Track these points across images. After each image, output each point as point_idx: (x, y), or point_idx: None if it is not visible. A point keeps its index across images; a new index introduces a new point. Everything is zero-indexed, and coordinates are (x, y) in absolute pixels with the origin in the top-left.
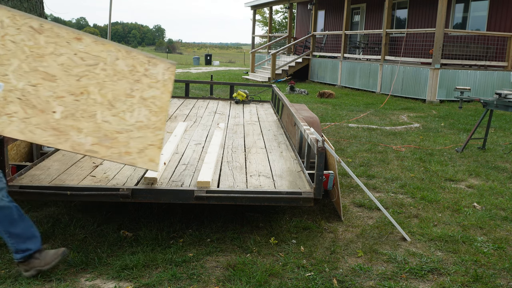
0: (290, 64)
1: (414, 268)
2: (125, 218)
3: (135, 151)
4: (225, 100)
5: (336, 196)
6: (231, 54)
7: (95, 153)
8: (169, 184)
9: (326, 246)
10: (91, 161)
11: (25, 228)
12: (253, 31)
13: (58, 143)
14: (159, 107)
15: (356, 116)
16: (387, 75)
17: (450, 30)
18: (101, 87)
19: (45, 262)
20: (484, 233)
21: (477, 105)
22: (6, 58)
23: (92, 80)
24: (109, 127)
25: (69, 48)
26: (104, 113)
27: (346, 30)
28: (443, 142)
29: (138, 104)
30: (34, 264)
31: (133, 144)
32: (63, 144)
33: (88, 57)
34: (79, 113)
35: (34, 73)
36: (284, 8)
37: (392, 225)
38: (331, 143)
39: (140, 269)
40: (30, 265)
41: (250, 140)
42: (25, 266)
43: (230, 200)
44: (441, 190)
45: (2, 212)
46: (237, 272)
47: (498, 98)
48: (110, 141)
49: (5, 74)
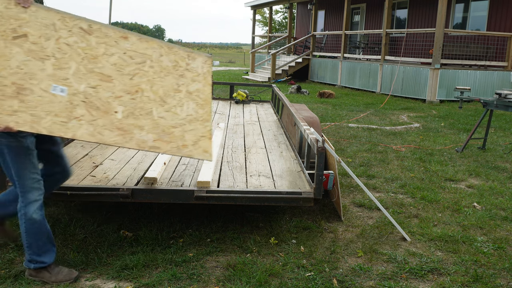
0: (290, 64)
1: (414, 268)
2: (125, 218)
3: (190, 144)
4: (225, 100)
5: (336, 196)
6: (231, 54)
7: (157, 148)
8: (169, 184)
9: (326, 246)
10: (91, 161)
11: (46, 242)
12: (253, 31)
13: (124, 142)
14: (204, 100)
15: (356, 116)
16: (387, 75)
17: (450, 30)
18: (151, 84)
19: (55, 279)
20: (484, 233)
21: (477, 105)
22: (64, 61)
23: (143, 78)
24: (165, 122)
25: (118, 47)
26: (159, 110)
27: (346, 30)
28: (443, 142)
29: (185, 98)
30: (44, 276)
31: (187, 137)
32: (129, 142)
33: (136, 55)
34: (137, 111)
35: (92, 75)
36: (284, 8)
37: (392, 225)
38: (331, 143)
39: (140, 269)
40: (39, 275)
41: (250, 140)
42: (34, 273)
43: (230, 200)
44: (441, 190)
45: (33, 226)
46: (237, 272)
47: (498, 98)
48: (168, 136)
49: (66, 78)
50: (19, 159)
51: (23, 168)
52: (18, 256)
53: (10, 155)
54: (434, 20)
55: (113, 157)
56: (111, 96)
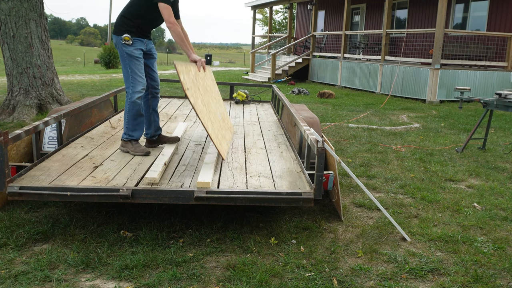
0: (290, 64)
1: (414, 268)
2: (125, 218)
3: None
4: (225, 100)
5: (336, 196)
6: (231, 54)
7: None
8: (169, 184)
9: (326, 246)
10: (91, 162)
11: (140, 123)
12: (253, 31)
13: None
14: None
15: (356, 116)
16: (387, 75)
17: (450, 30)
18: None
19: (134, 150)
20: (484, 233)
21: (477, 105)
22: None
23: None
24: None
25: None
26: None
27: (346, 30)
28: (443, 142)
29: None
30: (128, 146)
31: None
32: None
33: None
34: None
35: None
36: (284, 8)
37: (392, 225)
38: (331, 143)
39: (140, 269)
40: (126, 146)
41: (250, 140)
42: (123, 143)
43: (230, 201)
44: (441, 190)
45: (134, 108)
46: (237, 272)
47: (498, 98)
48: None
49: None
50: (132, 62)
51: (135, 68)
52: (18, 256)
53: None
54: (434, 20)
55: (113, 157)
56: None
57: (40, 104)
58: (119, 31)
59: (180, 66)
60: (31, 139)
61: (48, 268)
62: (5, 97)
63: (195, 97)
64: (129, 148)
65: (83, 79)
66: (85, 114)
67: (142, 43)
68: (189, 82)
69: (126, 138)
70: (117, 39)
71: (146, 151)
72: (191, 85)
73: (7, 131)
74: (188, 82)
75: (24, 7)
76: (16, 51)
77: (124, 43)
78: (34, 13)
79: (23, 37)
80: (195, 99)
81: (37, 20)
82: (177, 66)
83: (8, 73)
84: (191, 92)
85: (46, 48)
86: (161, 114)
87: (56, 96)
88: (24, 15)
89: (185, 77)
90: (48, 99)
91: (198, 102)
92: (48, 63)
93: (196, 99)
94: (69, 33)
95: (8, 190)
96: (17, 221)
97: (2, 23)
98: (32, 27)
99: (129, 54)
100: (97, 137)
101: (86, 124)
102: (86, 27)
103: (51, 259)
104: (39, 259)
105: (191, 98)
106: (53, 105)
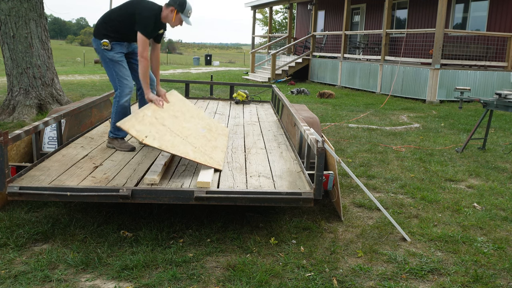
0: (290, 64)
1: (414, 269)
2: (125, 218)
3: None
4: (225, 101)
5: (336, 196)
6: (231, 54)
7: None
8: (169, 184)
9: (326, 246)
10: (91, 162)
11: None
12: (253, 31)
13: None
14: None
15: (356, 116)
16: (387, 75)
17: (450, 31)
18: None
19: (120, 146)
20: (484, 233)
21: (477, 105)
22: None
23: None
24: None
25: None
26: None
27: (346, 30)
28: (443, 142)
29: None
30: (114, 143)
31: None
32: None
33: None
34: None
35: None
36: (284, 8)
37: (392, 225)
38: (331, 143)
39: (140, 269)
40: (112, 142)
41: (250, 140)
42: (110, 140)
43: (230, 201)
44: (441, 190)
45: (120, 110)
46: (237, 272)
47: (498, 99)
48: None
49: None
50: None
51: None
52: (18, 256)
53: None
54: (434, 20)
55: (113, 158)
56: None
57: (40, 104)
58: (98, 35)
59: (126, 124)
60: (31, 139)
61: (48, 268)
62: (5, 97)
63: (159, 138)
64: (115, 144)
65: (83, 79)
66: (85, 114)
67: (122, 47)
68: (146, 129)
69: (113, 136)
70: (97, 43)
71: (131, 147)
72: (149, 130)
73: (7, 131)
74: (143, 132)
75: (24, 7)
76: (16, 51)
77: (104, 49)
78: (34, 13)
79: (23, 37)
80: (160, 141)
81: (37, 20)
82: (123, 126)
83: (8, 73)
84: (151, 138)
85: (46, 48)
86: None
87: (56, 96)
88: (24, 15)
89: (138, 128)
90: (48, 99)
91: (166, 139)
92: (48, 63)
93: (161, 140)
94: (69, 33)
95: (8, 190)
96: (17, 221)
97: (2, 23)
98: (32, 27)
99: (110, 59)
100: (97, 137)
101: (86, 124)
102: (86, 27)
103: (51, 259)
104: (39, 259)
105: (154, 143)
106: (53, 105)
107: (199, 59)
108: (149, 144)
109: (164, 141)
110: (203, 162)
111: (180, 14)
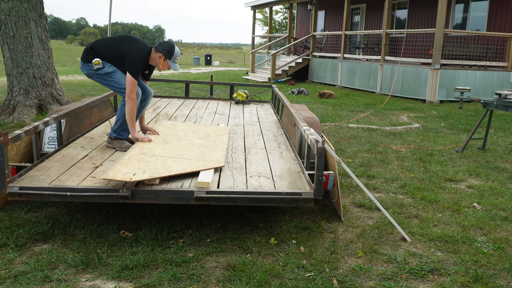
0: (290, 65)
1: (414, 269)
2: (125, 218)
3: None
4: (225, 101)
5: (336, 196)
6: (231, 55)
7: None
8: (169, 185)
9: (326, 247)
10: (91, 162)
11: None
12: (253, 31)
13: None
14: None
15: (356, 117)
16: (387, 76)
17: (450, 31)
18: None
19: (119, 146)
20: (484, 234)
21: (477, 105)
22: None
23: None
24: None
25: None
26: None
27: (346, 31)
28: (443, 142)
29: None
30: (114, 143)
31: None
32: None
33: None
34: None
35: None
36: (284, 8)
37: (392, 225)
38: (331, 143)
39: (140, 269)
40: (112, 142)
41: (250, 140)
42: (110, 140)
43: (230, 201)
44: (441, 191)
45: None
46: (237, 273)
47: (498, 99)
48: None
49: None
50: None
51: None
52: (18, 256)
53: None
54: (434, 20)
55: (113, 158)
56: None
57: (40, 104)
58: (87, 59)
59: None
60: (31, 139)
61: (48, 268)
62: (5, 97)
63: (148, 170)
64: (115, 144)
65: (83, 79)
66: (85, 114)
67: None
68: (133, 168)
69: (114, 137)
70: (89, 66)
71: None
72: (137, 167)
73: (7, 131)
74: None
75: (24, 7)
76: (16, 51)
77: (96, 68)
78: (34, 13)
79: (23, 37)
80: (151, 170)
81: (37, 20)
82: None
83: (8, 73)
84: (140, 174)
85: (46, 48)
86: (161, 114)
87: (56, 96)
88: (24, 15)
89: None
90: (48, 99)
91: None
92: (48, 63)
93: (152, 170)
94: (69, 33)
95: (8, 191)
96: (17, 221)
97: (2, 23)
98: (32, 27)
99: (106, 73)
100: (97, 137)
101: (86, 124)
102: (86, 27)
103: (51, 259)
104: (39, 259)
105: (144, 176)
106: (53, 105)
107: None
108: (138, 179)
109: (155, 169)
110: (203, 168)
111: (167, 60)
